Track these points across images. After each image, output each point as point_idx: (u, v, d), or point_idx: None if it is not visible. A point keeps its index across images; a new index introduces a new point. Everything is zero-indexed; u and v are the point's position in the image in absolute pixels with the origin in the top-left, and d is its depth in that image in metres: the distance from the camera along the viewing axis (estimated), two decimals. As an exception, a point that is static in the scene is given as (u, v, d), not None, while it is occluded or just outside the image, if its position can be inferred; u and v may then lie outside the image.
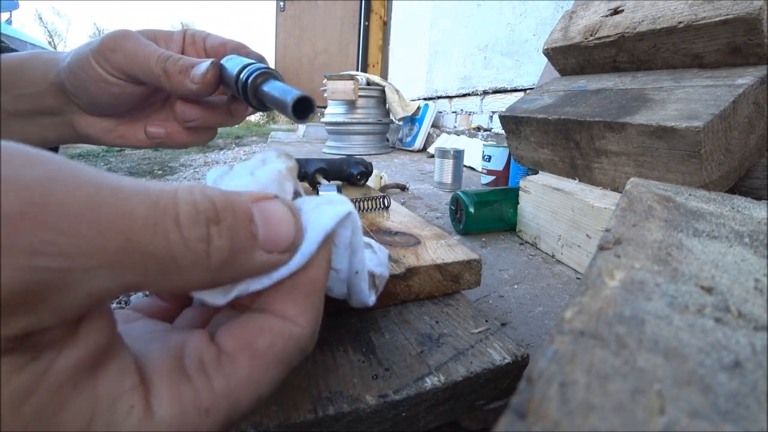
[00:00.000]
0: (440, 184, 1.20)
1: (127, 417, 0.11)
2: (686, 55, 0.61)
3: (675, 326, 0.15)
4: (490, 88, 1.87)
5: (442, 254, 0.40)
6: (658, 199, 0.30)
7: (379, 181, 1.09)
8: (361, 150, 2.12)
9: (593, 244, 0.59)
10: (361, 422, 0.25)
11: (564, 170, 0.73)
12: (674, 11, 0.60)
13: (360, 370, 0.28)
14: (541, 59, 1.34)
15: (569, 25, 0.81)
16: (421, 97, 2.62)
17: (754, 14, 0.50)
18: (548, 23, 1.49)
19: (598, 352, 0.14)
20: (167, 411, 0.12)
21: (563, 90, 0.79)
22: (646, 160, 0.55)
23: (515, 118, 0.79)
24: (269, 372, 0.14)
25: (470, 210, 0.75)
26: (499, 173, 1.07)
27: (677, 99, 0.55)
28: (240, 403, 0.14)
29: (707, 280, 0.19)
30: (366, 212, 0.55)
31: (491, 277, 0.60)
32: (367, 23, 3.90)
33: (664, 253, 0.21)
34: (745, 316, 0.16)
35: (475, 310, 0.36)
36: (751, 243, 0.23)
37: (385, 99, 2.21)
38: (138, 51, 0.30)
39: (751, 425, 0.11)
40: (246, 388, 0.14)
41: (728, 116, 0.49)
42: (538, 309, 0.51)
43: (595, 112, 0.63)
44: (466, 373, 0.28)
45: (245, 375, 0.14)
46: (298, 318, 0.15)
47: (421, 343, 0.31)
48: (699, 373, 0.13)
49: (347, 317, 0.34)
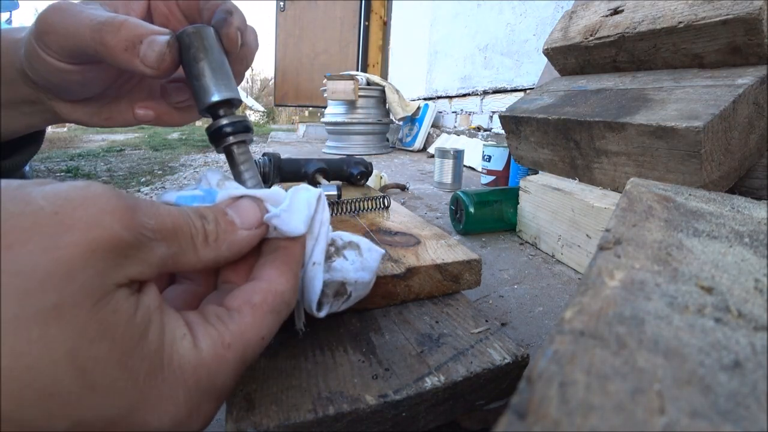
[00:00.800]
0: (440, 184, 1.20)
1: (182, 340, 0.17)
2: (686, 55, 0.61)
3: (675, 326, 0.15)
4: (490, 88, 1.87)
5: (442, 254, 0.40)
6: (658, 199, 0.30)
7: (379, 181, 1.09)
8: (361, 150, 2.12)
9: (593, 244, 0.59)
10: (361, 422, 0.25)
11: (564, 170, 0.73)
12: (674, 11, 0.60)
13: (360, 370, 0.28)
14: (541, 59, 1.34)
15: (569, 25, 0.81)
16: (421, 97, 2.62)
17: (754, 14, 0.50)
18: (548, 23, 1.49)
19: (598, 352, 0.14)
20: (205, 343, 0.18)
21: (563, 90, 0.79)
22: (646, 160, 0.55)
23: (515, 118, 0.79)
24: (266, 319, 0.20)
25: (470, 210, 0.75)
26: (499, 173, 1.07)
27: (677, 99, 0.55)
28: (250, 342, 0.19)
29: (707, 280, 0.19)
30: (366, 212, 0.55)
31: (491, 277, 0.60)
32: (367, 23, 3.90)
33: (664, 253, 0.21)
34: (745, 316, 0.16)
35: (475, 310, 0.36)
36: (751, 243, 0.23)
37: (385, 99, 2.21)
38: (70, 21, 0.24)
39: (751, 425, 0.11)
40: (252, 329, 0.19)
41: (728, 116, 0.49)
42: (538, 309, 0.51)
43: (595, 112, 0.63)
44: (466, 373, 0.28)
45: (250, 321, 0.19)
46: (279, 279, 0.21)
47: (421, 343, 0.31)
48: (699, 373, 0.13)
49: (347, 317, 0.34)
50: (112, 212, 0.15)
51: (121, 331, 0.15)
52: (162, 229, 0.17)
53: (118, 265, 0.15)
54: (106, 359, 0.14)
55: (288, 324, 0.32)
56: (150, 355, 0.16)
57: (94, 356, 0.14)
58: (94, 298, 0.14)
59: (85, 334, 0.14)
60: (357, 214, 0.54)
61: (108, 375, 0.14)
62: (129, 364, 0.15)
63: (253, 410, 0.24)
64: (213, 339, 0.18)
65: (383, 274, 0.35)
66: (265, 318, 0.20)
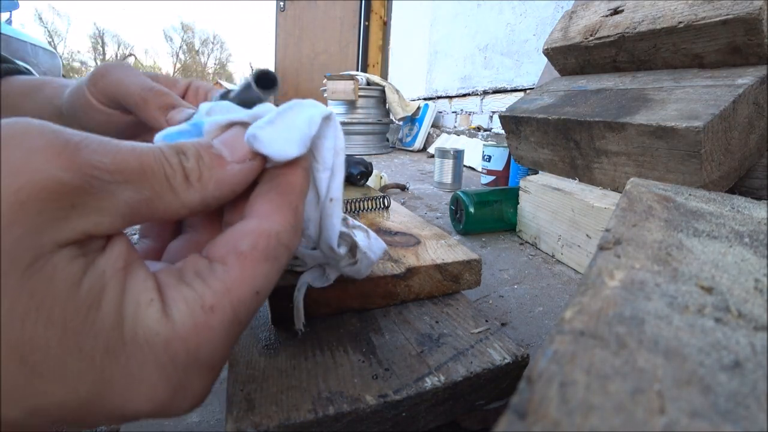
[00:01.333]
0: (440, 184, 1.20)
1: (148, 307, 0.14)
2: (686, 55, 0.61)
3: (675, 326, 0.15)
4: (490, 88, 1.87)
5: (442, 254, 0.40)
6: (658, 199, 0.30)
7: (379, 181, 1.09)
8: (361, 150, 2.12)
9: (593, 244, 0.59)
10: (361, 422, 0.25)
11: (564, 170, 0.73)
12: (674, 11, 0.60)
13: (360, 370, 0.28)
14: (541, 59, 1.34)
15: (569, 25, 0.81)
16: (421, 97, 2.62)
17: (754, 14, 0.50)
18: (548, 23, 1.49)
19: (598, 352, 0.14)
20: (178, 309, 0.14)
21: (563, 90, 0.79)
22: (646, 160, 0.55)
23: (515, 118, 0.79)
24: (258, 268, 0.16)
25: (470, 210, 0.75)
26: (499, 173, 1.07)
27: (677, 99, 0.55)
28: (241, 300, 0.16)
29: (707, 280, 0.19)
30: (366, 212, 0.55)
31: (491, 277, 0.60)
32: (367, 23, 3.89)
33: (664, 253, 0.21)
34: (745, 316, 0.16)
35: (475, 310, 0.36)
36: (751, 243, 0.23)
37: (385, 99, 2.21)
38: (125, 78, 0.30)
39: (751, 425, 0.11)
40: (241, 285, 0.16)
41: (728, 116, 0.49)
42: (538, 309, 0.51)
43: (595, 112, 0.63)
44: (466, 373, 0.28)
45: (237, 274, 0.16)
46: (274, 216, 0.17)
47: (421, 343, 0.31)
48: (699, 373, 0.13)
49: (347, 317, 0.34)
50: (44, 150, 0.12)
51: (60, 305, 0.12)
52: (123, 168, 0.14)
53: (60, 219, 0.12)
54: (45, 340, 0.12)
55: (288, 324, 0.32)
56: (105, 331, 0.13)
57: (29, 337, 0.12)
58: (24, 262, 0.12)
59: (14, 310, 0.11)
60: (357, 214, 0.54)
61: (52, 357, 0.12)
62: (77, 342, 0.12)
63: (253, 410, 0.24)
64: (189, 303, 0.15)
65: (383, 274, 0.36)
66: (258, 268, 0.16)
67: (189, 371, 0.15)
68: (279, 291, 0.32)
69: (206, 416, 0.32)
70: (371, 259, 0.27)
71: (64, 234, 0.13)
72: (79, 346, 0.13)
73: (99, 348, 0.13)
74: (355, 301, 0.35)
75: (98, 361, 0.13)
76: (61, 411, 0.13)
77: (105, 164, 0.14)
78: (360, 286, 0.35)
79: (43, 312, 0.12)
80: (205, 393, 0.16)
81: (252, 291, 0.16)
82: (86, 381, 0.13)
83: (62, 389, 0.12)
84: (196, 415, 0.32)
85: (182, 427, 0.31)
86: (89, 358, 0.13)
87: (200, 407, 0.16)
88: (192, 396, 0.15)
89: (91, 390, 0.13)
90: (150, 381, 0.14)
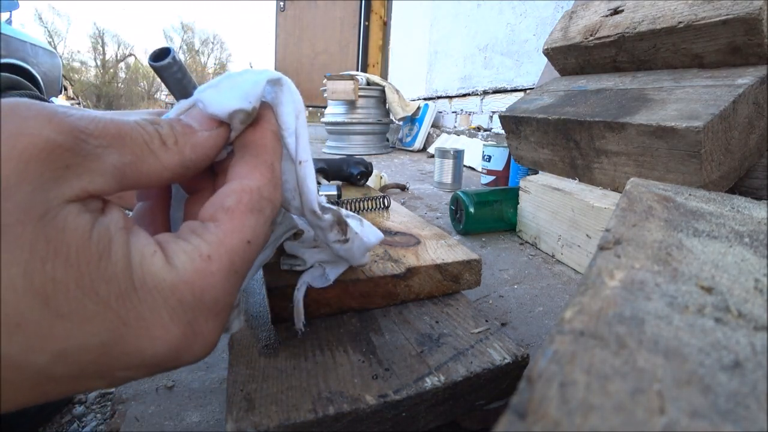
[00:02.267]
0: (440, 184, 1.20)
1: (153, 257, 0.16)
2: (686, 55, 0.61)
3: (675, 326, 0.15)
4: (490, 88, 1.87)
5: (442, 254, 0.40)
6: (658, 199, 0.30)
7: (379, 181, 1.09)
8: (361, 150, 2.12)
9: (593, 244, 0.59)
10: (361, 422, 0.25)
11: (564, 170, 0.73)
12: (674, 11, 0.60)
13: (360, 370, 0.28)
14: (541, 59, 1.34)
15: (569, 25, 0.81)
16: (421, 97, 2.62)
17: (754, 14, 0.50)
18: (548, 23, 1.49)
19: (598, 352, 0.14)
20: (179, 259, 0.16)
21: (563, 90, 0.79)
22: (646, 160, 0.55)
23: (515, 118, 0.79)
24: (246, 220, 0.18)
25: (470, 210, 0.75)
26: (499, 173, 1.07)
27: (677, 99, 0.55)
28: (234, 249, 0.17)
29: (707, 280, 0.19)
30: (366, 212, 0.55)
31: (491, 277, 0.60)
32: (367, 23, 3.90)
33: (664, 253, 0.21)
34: (745, 316, 0.16)
35: (475, 310, 0.36)
36: (751, 243, 0.23)
37: (385, 99, 2.21)
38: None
39: (751, 425, 0.11)
40: (232, 235, 0.18)
41: (728, 116, 0.49)
42: (538, 309, 0.51)
43: (595, 112, 0.63)
44: (466, 373, 0.28)
45: (228, 227, 0.18)
46: (253, 174, 0.19)
47: (421, 343, 0.31)
48: (699, 373, 0.13)
49: (347, 317, 0.34)
50: (37, 117, 0.14)
51: (75, 250, 0.14)
52: (105, 133, 0.16)
53: (61, 177, 0.14)
54: (65, 281, 0.13)
55: (288, 324, 0.32)
56: (117, 277, 0.15)
57: (50, 278, 0.13)
58: (36, 213, 0.13)
59: (35, 253, 0.13)
60: (357, 214, 0.54)
61: (72, 299, 0.13)
62: (92, 286, 0.14)
63: (253, 410, 0.24)
64: (188, 254, 0.16)
65: (383, 274, 0.36)
66: (245, 219, 0.18)
67: (197, 313, 0.16)
68: (279, 291, 0.32)
69: (206, 416, 0.32)
70: (365, 243, 0.27)
71: (66, 191, 0.14)
72: (95, 289, 0.14)
73: (113, 292, 0.14)
74: (355, 301, 0.35)
75: (113, 305, 0.14)
76: (83, 355, 0.14)
77: (90, 129, 0.15)
78: (360, 286, 0.35)
79: (60, 255, 0.13)
80: (213, 337, 0.17)
81: (243, 240, 0.18)
82: (104, 323, 0.14)
83: (83, 331, 0.14)
84: (197, 416, 0.32)
85: (182, 427, 0.31)
86: (105, 302, 0.14)
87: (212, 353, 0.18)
88: (203, 339, 0.17)
89: (110, 333, 0.14)
90: (162, 323, 0.15)
